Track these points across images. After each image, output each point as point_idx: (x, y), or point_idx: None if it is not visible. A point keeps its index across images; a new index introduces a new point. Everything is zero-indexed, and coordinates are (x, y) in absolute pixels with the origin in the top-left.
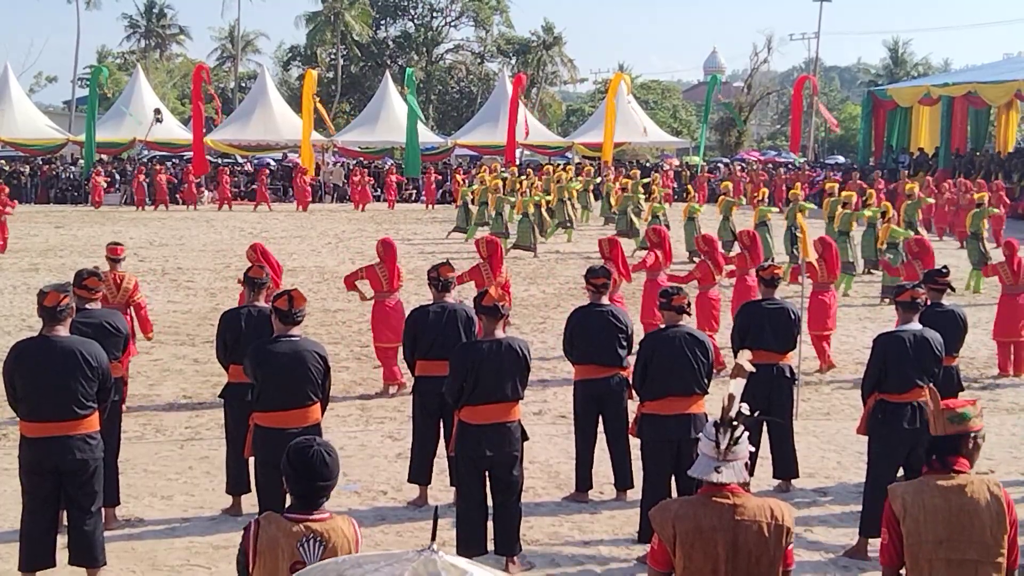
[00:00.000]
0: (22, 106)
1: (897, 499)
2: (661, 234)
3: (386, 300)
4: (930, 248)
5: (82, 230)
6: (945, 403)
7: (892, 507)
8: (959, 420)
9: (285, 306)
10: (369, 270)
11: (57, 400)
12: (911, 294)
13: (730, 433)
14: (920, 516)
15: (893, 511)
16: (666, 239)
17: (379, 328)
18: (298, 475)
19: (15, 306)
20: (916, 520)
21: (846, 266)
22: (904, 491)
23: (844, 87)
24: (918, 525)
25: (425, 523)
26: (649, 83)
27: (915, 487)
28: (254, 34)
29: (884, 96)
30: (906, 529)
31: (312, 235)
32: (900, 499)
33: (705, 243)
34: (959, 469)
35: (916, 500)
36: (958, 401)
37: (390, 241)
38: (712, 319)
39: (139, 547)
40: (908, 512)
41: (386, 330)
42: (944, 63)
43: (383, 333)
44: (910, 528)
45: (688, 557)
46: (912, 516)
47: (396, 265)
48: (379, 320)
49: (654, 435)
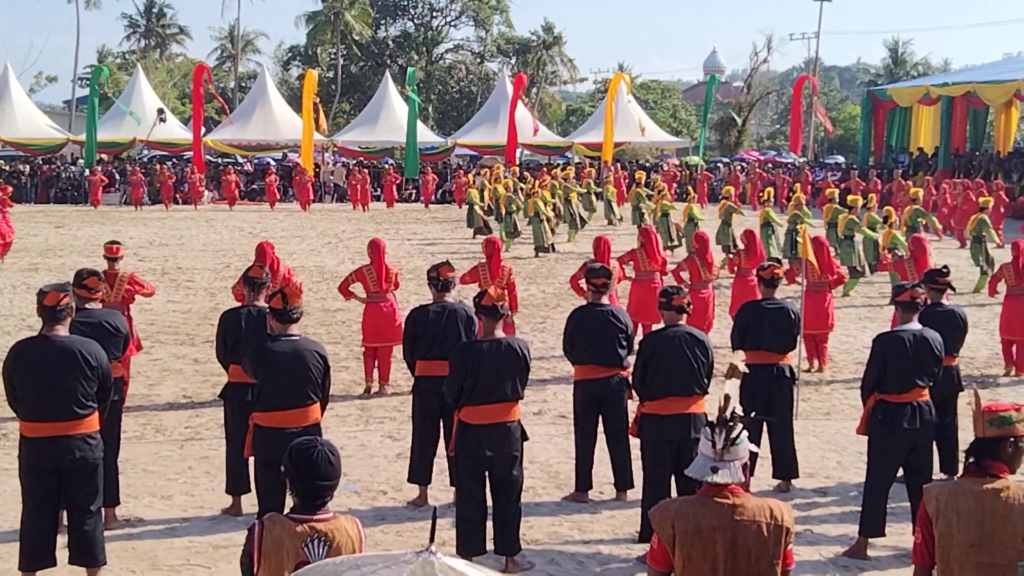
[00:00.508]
0: (22, 106)
1: (931, 500)
2: (649, 234)
3: (379, 302)
4: (926, 247)
5: (82, 230)
6: (987, 406)
7: (926, 508)
8: (1000, 423)
9: (280, 304)
10: (358, 273)
11: (57, 400)
12: (911, 294)
13: (726, 433)
14: (952, 518)
15: (927, 512)
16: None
17: (365, 328)
18: (301, 475)
19: (15, 306)
20: (948, 522)
21: (852, 271)
22: (939, 492)
23: (844, 87)
24: (950, 527)
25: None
26: (649, 83)
27: (950, 489)
28: (254, 34)
29: (884, 96)
30: (938, 531)
31: (312, 235)
32: (934, 500)
33: (697, 241)
34: (996, 473)
35: (950, 502)
36: (1002, 404)
37: (377, 241)
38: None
39: (139, 547)
40: (941, 513)
41: (370, 330)
42: (944, 63)
43: (368, 333)
44: (942, 530)
45: (687, 557)
46: (945, 518)
47: (384, 265)
48: (366, 320)
49: (654, 435)
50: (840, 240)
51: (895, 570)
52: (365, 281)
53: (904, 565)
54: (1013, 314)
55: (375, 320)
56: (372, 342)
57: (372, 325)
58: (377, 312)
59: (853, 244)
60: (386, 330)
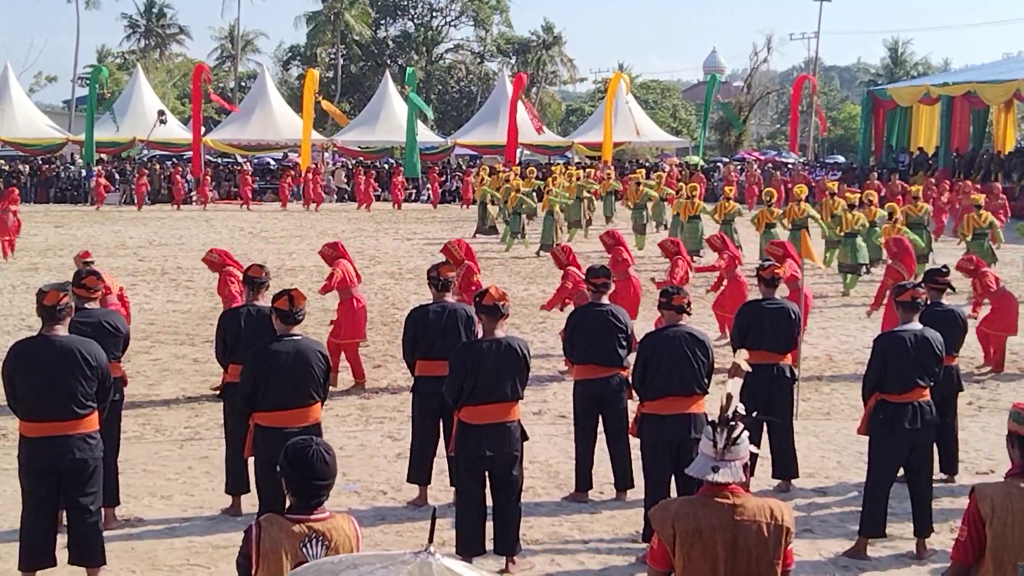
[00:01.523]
0: (22, 106)
1: (985, 499)
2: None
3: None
4: (909, 248)
5: (82, 230)
6: (1018, 404)
7: (979, 507)
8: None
9: (286, 306)
10: None
11: (56, 400)
12: (911, 294)
13: (727, 433)
14: (1008, 519)
15: (980, 511)
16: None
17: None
18: (297, 475)
19: (15, 306)
20: (1004, 522)
21: (854, 268)
22: (993, 492)
23: (844, 87)
24: (1005, 527)
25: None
26: (649, 83)
27: (1004, 489)
28: (254, 34)
29: (884, 96)
30: (992, 531)
31: (312, 235)
32: (989, 500)
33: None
34: None
35: (1005, 503)
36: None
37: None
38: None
39: (139, 547)
40: (996, 513)
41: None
42: (944, 63)
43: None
44: (997, 530)
45: (687, 557)
46: (1000, 518)
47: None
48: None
49: (654, 435)
50: (843, 238)
51: (895, 570)
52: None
53: (904, 565)
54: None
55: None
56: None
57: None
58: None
59: (855, 242)
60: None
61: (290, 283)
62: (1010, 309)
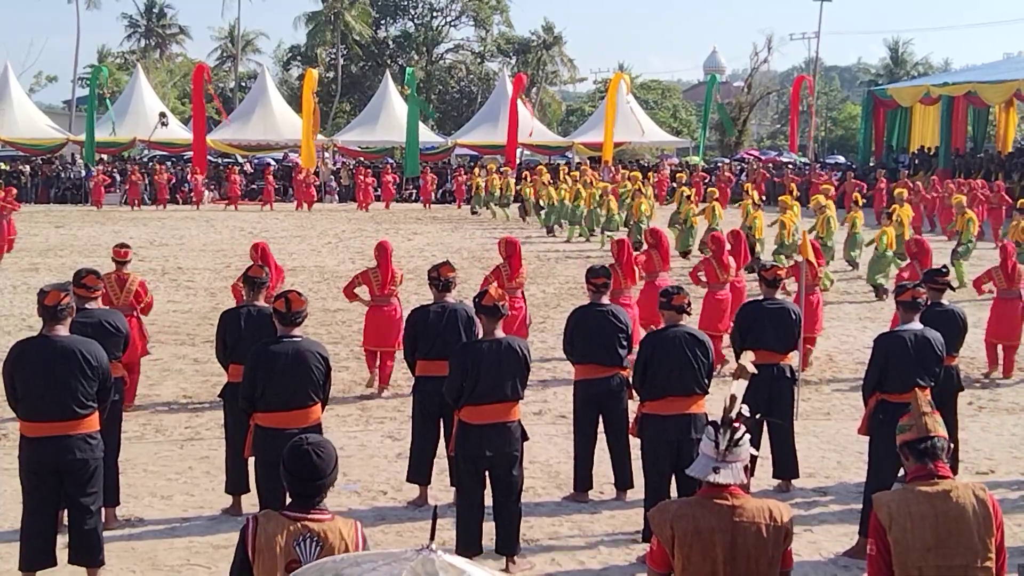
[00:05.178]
0: (22, 106)
1: (883, 508)
2: (658, 235)
3: (383, 306)
4: (928, 248)
5: (82, 230)
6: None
7: (878, 516)
8: (901, 430)
9: (283, 308)
10: (364, 275)
11: (57, 400)
12: (912, 294)
13: (730, 434)
14: (907, 524)
15: (879, 521)
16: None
17: (365, 330)
18: (291, 474)
19: (15, 306)
20: (904, 529)
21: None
22: (889, 500)
23: (844, 87)
24: (905, 534)
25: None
26: (649, 83)
27: (900, 495)
28: (254, 34)
29: (884, 96)
30: (893, 538)
31: (312, 235)
32: (886, 508)
33: (713, 243)
34: (942, 475)
35: (902, 508)
36: None
37: (385, 244)
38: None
39: (139, 547)
40: (895, 520)
41: (371, 333)
42: (944, 63)
43: (368, 336)
44: (897, 537)
45: (687, 558)
46: (899, 524)
47: (391, 269)
48: (367, 323)
49: (654, 435)
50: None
51: None
52: (370, 284)
53: None
54: (1000, 317)
55: (377, 324)
56: (372, 346)
57: (374, 328)
58: (379, 316)
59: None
60: (387, 334)
61: (291, 283)
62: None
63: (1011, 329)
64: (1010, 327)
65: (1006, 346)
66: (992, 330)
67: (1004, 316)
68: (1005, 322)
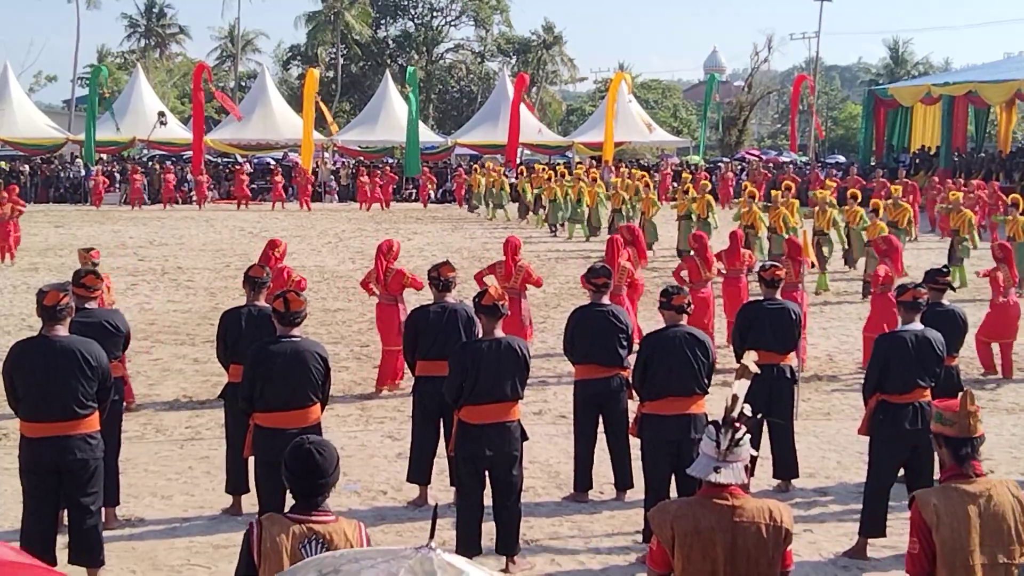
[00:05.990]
0: (22, 106)
1: (928, 507)
2: (634, 232)
3: (388, 302)
4: (898, 246)
5: (82, 229)
6: (937, 402)
7: (923, 515)
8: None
9: (282, 308)
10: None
11: (57, 400)
12: (913, 294)
13: (731, 434)
14: (954, 523)
15: (924, 519)
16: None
17: (379, 329)
18: (292, 474)
19: (15, 306)
20: (951, 528)
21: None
22: (934, 498)
23: (844, 86)
24: (953, 533)
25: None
26: (649, 82)
27: (943, 493)
28: (254, 34)
29: (885, 95)
30: (940, 538)
31: (312, 235)
32: (931, 507)
33: (695, 241)
34: (979, 473)
35: (948, 507)
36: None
37: (390, 242)
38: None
39: (139, 547)
40: (942, 520)
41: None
42: (944, 62)
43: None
44: (945, 537)
45: (687, 558)
46: (947, 524)
47: (382, 265)
48: (377, 320)
49: (654, 435)
50: None
51: (895, 571)
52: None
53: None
54: (999, 317)
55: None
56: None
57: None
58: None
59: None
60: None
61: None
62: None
63: (1005, 327)
64: (1004, 325)
65: (1003, 344)
66: (985, 329)
67: (999, 316)
68: (998, 322)
